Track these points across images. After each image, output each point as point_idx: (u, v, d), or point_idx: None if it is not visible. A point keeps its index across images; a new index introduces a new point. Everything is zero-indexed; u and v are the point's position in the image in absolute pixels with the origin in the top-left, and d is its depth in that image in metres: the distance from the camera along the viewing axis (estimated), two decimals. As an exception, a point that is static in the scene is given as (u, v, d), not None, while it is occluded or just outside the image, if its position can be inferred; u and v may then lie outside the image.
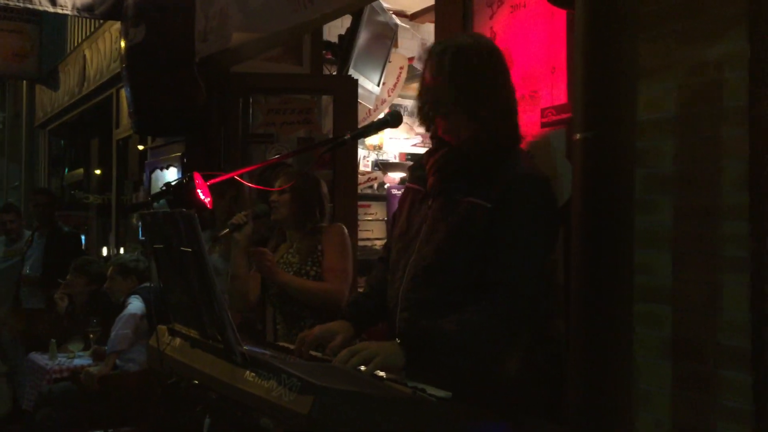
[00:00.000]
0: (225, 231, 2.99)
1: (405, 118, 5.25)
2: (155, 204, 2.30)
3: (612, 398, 1.74)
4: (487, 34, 2.64)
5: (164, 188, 2.29)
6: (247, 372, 1.60)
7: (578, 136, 1.76)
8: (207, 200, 2.29)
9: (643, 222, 1.90)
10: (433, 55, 1.97)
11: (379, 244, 6.20)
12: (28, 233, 6.51)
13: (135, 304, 4.52)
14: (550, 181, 1.93)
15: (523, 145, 2.03)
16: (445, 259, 1.90)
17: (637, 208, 1.89)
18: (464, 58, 1.93)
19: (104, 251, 8.54)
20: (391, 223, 2.22)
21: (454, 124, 1.95)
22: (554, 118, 2.34)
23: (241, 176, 2.33)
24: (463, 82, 1.92)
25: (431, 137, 2.07)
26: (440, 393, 1.64)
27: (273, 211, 3.07)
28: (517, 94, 2.01)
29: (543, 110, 2.37)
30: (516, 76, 2.16)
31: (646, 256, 1.90)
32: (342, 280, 2.96)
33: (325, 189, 3.19)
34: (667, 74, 1.87)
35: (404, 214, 2.10)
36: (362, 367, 1.77)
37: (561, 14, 2.34)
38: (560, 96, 2.34)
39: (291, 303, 2.99)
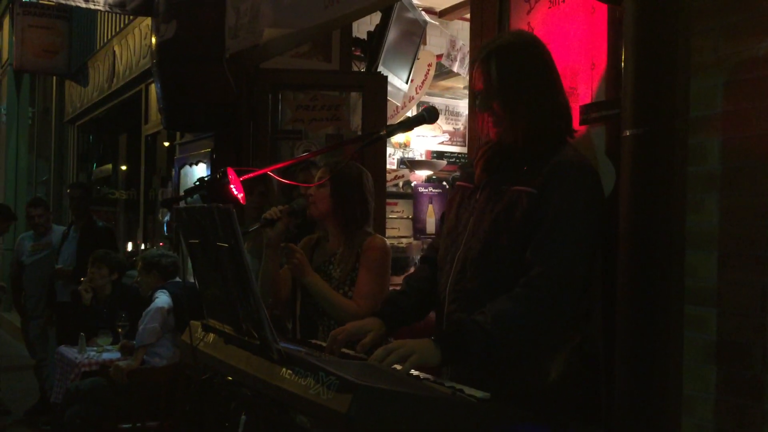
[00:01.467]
0: (256, 226, 2.83)
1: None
2: (188, 199, 2.30)
3: (660, 404, 1.69)
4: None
5: (198, 183, 2.30)
6: (284, 369, 1.58)
7: (628, 132, 1.71)
8: (240, 196, 2.28)
9: (688, 222, 1.85)
10: (479, 61, 1.97)
11: (405, 242, 6.19)
12: (57, 228, 6.58)
13: (162, 299, 4.55)
14: (596, 170, 1.91)
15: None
16: (491, 248, 1.89)
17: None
18: (508, 58, 1.93)
19: (129, 246, 8.60)
20: (440, 223, 2.20)
21: (507, 125, 1.93)
22: (594, 115, 2.29)
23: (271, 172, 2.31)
24: (510, 84, 1.91)
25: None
26: (479, 393, 1.62)
27: (310, 207, 2.85)
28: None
29: (582, 107, 2.33)
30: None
31: (690, 257, 1.85)
32: (370, 305, 2.64)
33: (369, 181, 2.91)
34: (716, 70, 1.81)
35: (453, 211, 2.09)
36: (398, 366, 1.75)
37: (602, 9, 2.29)
38: (600, 93, 2.30)
39: (325, 316, 2.83)
